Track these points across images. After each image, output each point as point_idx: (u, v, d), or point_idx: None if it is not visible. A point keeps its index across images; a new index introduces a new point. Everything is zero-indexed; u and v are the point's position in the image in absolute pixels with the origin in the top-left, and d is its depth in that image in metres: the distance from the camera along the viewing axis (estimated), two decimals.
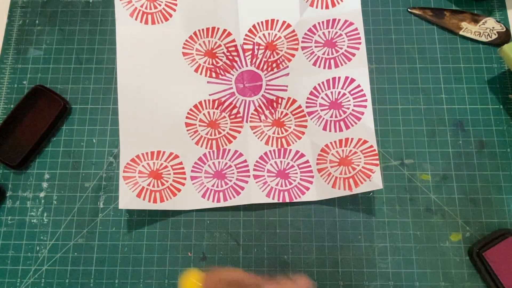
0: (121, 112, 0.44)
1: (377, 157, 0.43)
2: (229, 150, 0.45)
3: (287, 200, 0.44)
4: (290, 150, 0.45)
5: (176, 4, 0.47)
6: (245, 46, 0.46)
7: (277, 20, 0.46)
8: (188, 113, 0.46)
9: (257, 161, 0.45)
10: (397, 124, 0.47)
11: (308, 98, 0.46)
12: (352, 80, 0.45)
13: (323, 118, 0.45)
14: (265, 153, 0.45)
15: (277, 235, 0.44)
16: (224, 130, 0.46)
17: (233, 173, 0.45)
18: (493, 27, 0.49)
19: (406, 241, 0.44)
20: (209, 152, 0.45)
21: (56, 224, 0.45)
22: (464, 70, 0.48)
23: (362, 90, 0.44)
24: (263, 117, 0.46)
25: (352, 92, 0.45)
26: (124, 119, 0.44)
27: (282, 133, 0.46)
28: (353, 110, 0.44)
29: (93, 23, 0.51)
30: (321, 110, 0.45)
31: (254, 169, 0.45)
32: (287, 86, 0.46)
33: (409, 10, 0.50)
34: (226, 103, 0.46)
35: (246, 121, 0.46)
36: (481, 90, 0.48)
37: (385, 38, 0.50)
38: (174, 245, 0.44)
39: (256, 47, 0.46)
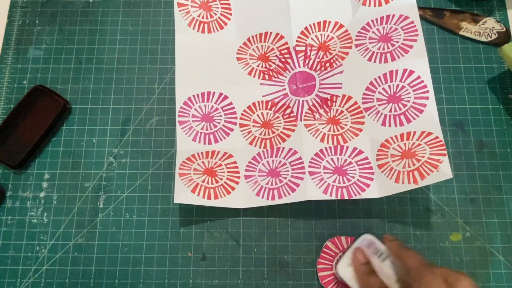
0: (178, 111, 0.45)
1: (444, 147, 0.40)
2: (283, 148, 0.45)
3: (346, 197, 0.42)
4: (347, 147, 0.44)
5: (230, 14, 0.48)
6: (298, 48, 0.47)
7: (329, 21, 0.47)
8: (242, 114, 0.46)
9: (312, 158, 0.44)
10: None
11: (364, 94, 0.44)
12: (411, 72, 0.43)
13: (382, 113, 0.43)
14: (321, 150, 0.44)
15: (277, 235, 0.44)
16: (277, 130, 0.46)
17: (288, 171, 0.44)
18: (493, 27, 0.49)
19: (406, 241, 0.44)
20: (263, 151, 0.45)
21: (56, 224, 0.45)
22: (464, 70, 0.48)
23: (422, 81, 0.42)
24: (317, 115, 0.45)
25: (411, 84, 0.43)
26: (181, 119, 0.45)
27: (338, 130, 0.45)
28: (414, 102, 0.42)
29: (93, 23, 0.51)
30: (379, 105, 0.44)
31: (310, 166, 0.44)
32: (341, 83, 0.45)
33: None
34: (279, 104, 0.46)
35: (300, 120, 0.45)
36: (481, 90, 0.48)
37: None
38: (174, 245, 0.44)
39: (308, 48, 0.47)
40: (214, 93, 0.46)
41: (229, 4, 0.49)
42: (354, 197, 0.42)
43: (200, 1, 0.48)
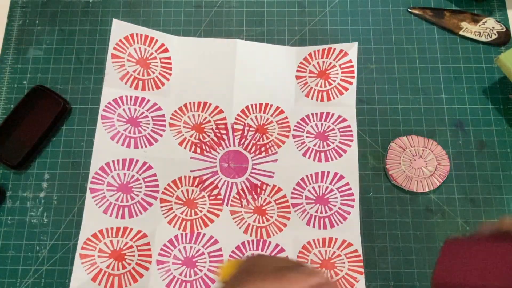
0: (91, 177, 0.44)
1: (361, 264, 0.41)
2: (204, 234, 0.42)
3: None
4: (270, 242, 0.42)
5: (170, 74, 0.46)
6: (235, 126, 0.45)
7: (271, 105, 0.46)
8: (165, 188, 0.44)
9: (233, 251, 0.42)
10: (397, 124, 0.47)
11: (294, 189, 0.44)
12: (341, 177, 0.44)
13: (308, 212, 0.43)
14: (243, 243, 0.42)
15: None
16: (201, 211, 0.43)
17: (205, 262, 0.42)
18: (493, 27, 0.49)
19: (406, 241, 0.44)
20: (181, 234, 0.42)
21: (56, 224, 0.45)
22: (464, 70, 0.48)
23: (350, 188, 0.43)
24: (244, 202, 0.43)
25: (340, 189, 0.44)
26: (93, 186, 0.43)
27: (263, 222, 0.43)
28: (339, 208, 0.43)
29: (93, 23, 0.51)
30: (307, 203, 0.44)
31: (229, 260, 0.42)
32: (273, 172, 0.45)
33: (409, 10, 0.50)
34: (207, 182, 0.44)
35: (227, 205, 0.43)
36: (481, 90, 0.48)
37: (385, 38, 0.50)
38: None
39: (246, 128, 0.46)
40: (137, 161, 0.44)
41: (170, 64, 0.46)
42: None
43: (138, 56, 0.46)
